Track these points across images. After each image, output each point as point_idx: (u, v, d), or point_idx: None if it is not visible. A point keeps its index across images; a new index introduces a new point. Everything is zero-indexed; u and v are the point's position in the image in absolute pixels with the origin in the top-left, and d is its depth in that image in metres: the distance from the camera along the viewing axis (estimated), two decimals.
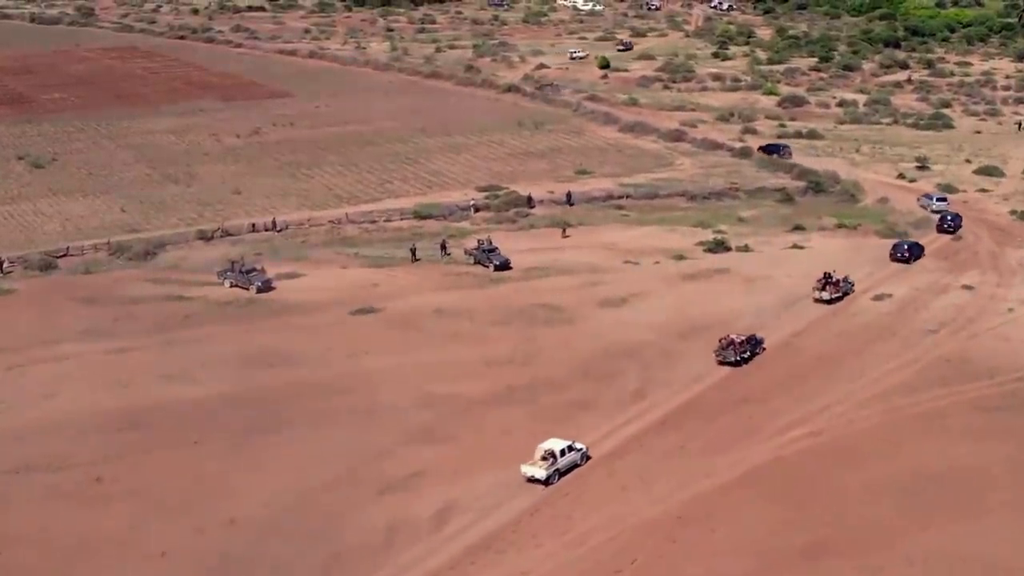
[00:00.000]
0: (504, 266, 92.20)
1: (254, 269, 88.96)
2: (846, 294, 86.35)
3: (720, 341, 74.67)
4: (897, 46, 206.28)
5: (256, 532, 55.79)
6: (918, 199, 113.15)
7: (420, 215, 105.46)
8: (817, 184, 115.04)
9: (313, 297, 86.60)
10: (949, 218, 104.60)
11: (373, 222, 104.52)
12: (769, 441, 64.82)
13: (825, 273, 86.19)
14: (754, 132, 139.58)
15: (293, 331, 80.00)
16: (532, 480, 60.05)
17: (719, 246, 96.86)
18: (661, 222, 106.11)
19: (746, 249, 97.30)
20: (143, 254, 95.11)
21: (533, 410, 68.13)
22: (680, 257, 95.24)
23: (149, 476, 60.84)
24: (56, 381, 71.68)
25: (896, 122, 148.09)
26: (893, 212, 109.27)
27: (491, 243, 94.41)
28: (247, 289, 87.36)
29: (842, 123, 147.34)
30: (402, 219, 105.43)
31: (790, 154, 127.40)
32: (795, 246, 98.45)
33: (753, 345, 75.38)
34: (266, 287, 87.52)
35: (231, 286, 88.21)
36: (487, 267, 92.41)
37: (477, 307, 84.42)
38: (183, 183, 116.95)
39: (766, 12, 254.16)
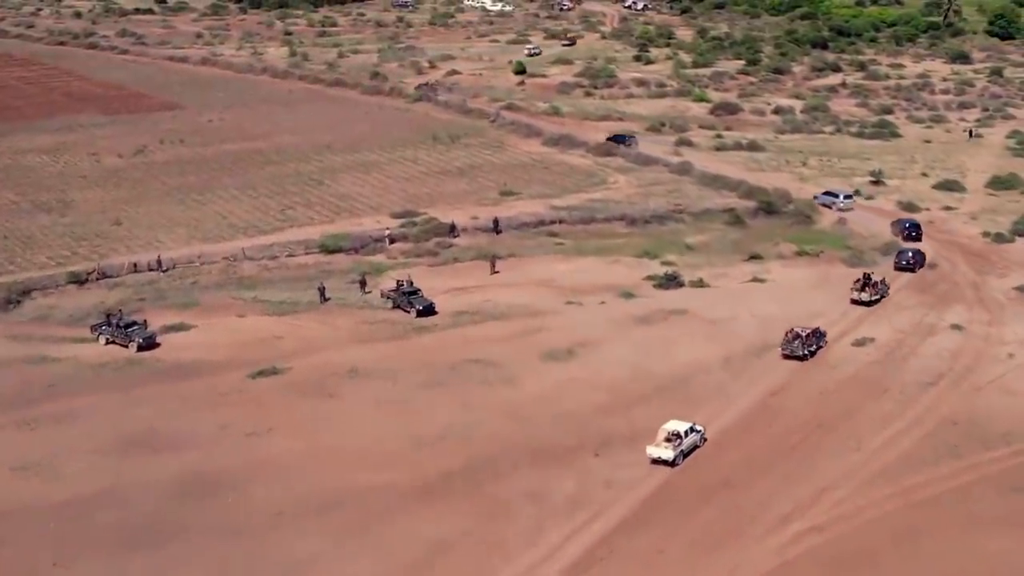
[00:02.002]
0: (428, 311, 79.83)
1: (134, 323, 75.49)
2: (883, 296, 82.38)
3: (786, 335, 72.15)
4: (825, 47, 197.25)
5: None
6: (815, 196, 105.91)
7: (328, 248, 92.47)
8: (768, 204, 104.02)
9: (205, 356, 73.45)
10: (907, 224, 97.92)
11: (274, 258, 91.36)
12: (765, 540, 53.25)
13: (864, 273, 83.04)
14: (689, 144, 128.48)
15: (181, 402, 66.84)
16: (658, 461, 58.77)
17: (671, 281, 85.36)
18: (601, 252, 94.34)
19: (701, 284, 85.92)
20: (4, 303, 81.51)
21: (477, 505, 55.89)
22: (628, 295, 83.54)
23: None
24: None
25: (839, 131, 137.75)
26: (854, 235, 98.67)
27: (412, 284, 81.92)
28: (126, 347, 74.03)
29: (782, 132, 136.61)
30: (307, 253, 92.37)
31: (636, 143, 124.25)
32: (755, 279, 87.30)
33: (818, 338, 72.93)
34: (149, 344, 74.29)
35: (107, 343, 74.91)
36: (408, 312, 79.99)
37: (400, 365, 71.88)
38: (56, 212, 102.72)
39: (683, 12, 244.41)
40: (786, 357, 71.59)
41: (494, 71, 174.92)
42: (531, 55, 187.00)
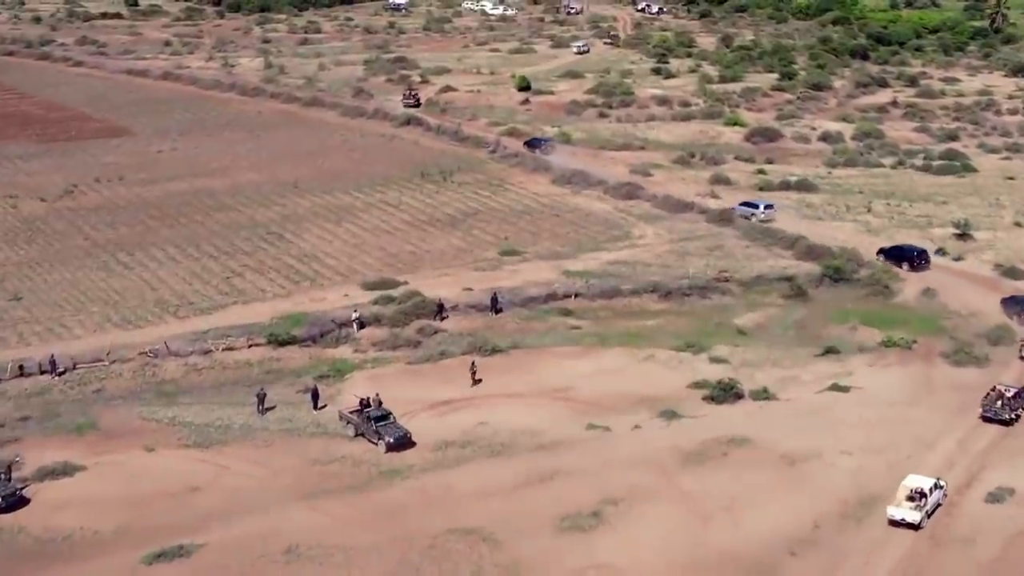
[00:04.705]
0: (402, 443, 58.97)
1: None
2: None
3: (987, 395, 62.43)
4: (865, 57, 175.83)
5: None
6: (734, 208, 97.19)
7: (277, 339, 71.52)
8: (835, 270, 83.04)
9: (88, 522, 52.62)
10: (916, 253, 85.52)
11: (206, 352, 70.41)
12: None
13: None
14: (727, 182, 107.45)
15: None
16: (900, 523, 50.69)
17: (726, 392, 64.35)
18: (630, 340, 73.33)
19: (765, 395, 64.87)
20: None
21: None
22: (671, 415, 62.55)
23: None
24: None
25: (901, 163, 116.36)
26: (949, 313, 77.84)
27: (380, 404, 60.99)
28: None
29: (834, 166, 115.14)
30: (250, 346, 71.44)
31: (553, 148, 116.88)
32: (835, 386, 66.15)
33: None
34: (11, 502, 53.47)
35: None
36: (375, 445, 59.15)
37: (358, 539, 51.00)
38: None
39: (702, 16, 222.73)
40: (987, 420, 61.24)
41: (494, 87, 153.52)
42: (580, 52, 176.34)
